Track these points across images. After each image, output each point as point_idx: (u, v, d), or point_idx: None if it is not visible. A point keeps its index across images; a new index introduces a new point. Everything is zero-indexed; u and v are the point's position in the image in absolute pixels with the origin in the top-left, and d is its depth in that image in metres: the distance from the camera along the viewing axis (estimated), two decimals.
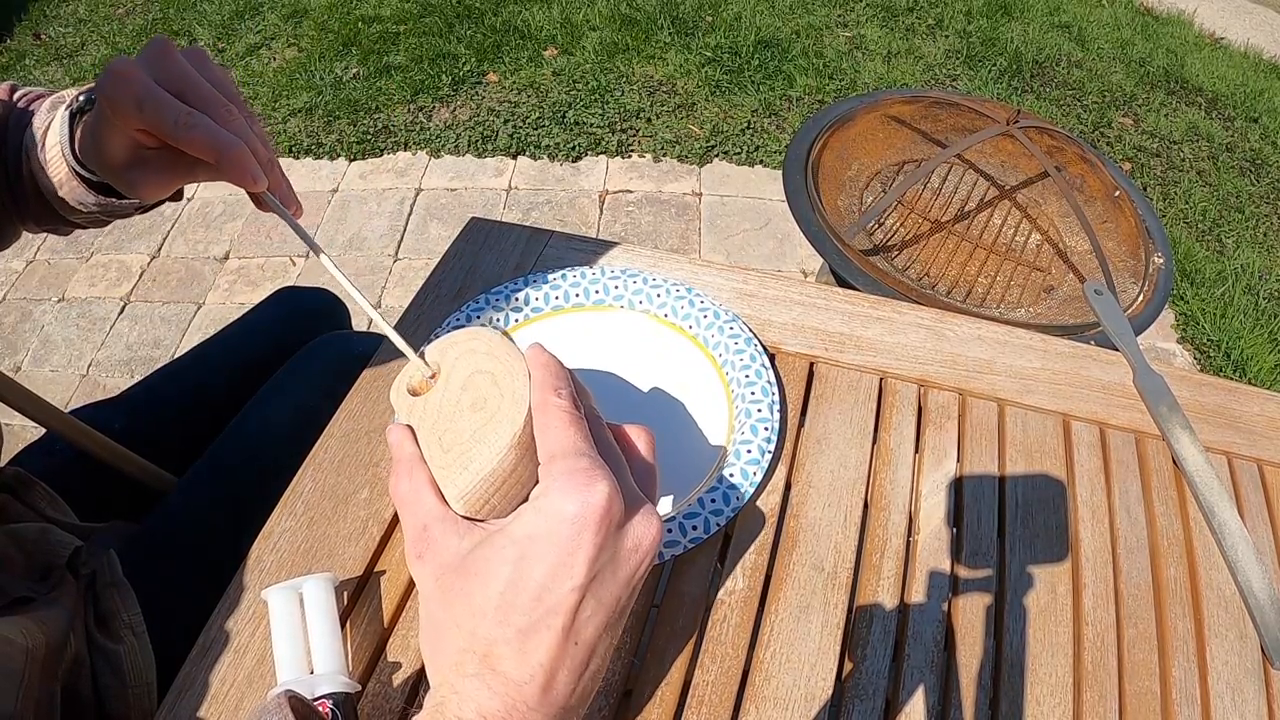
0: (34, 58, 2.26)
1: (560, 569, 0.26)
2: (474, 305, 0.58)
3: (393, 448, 0.33)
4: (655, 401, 0.56)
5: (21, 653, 0.43)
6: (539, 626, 0.26)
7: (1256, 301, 1.73)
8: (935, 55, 2.29)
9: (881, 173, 1.28)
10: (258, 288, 1.67)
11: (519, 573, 0.27)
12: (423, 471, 0.31)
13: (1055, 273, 1.18)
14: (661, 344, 0.59)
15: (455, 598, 0.28)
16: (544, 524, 0.27)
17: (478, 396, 0.32)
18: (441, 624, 0.28)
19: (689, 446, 0.53)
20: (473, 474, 0.30)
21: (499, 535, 0.28)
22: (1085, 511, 0.53)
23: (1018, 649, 0.46)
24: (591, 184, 1.89)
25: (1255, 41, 2.50)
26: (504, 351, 0.33)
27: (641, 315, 0.60)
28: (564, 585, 0.26)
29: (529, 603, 0.26)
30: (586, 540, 0.26)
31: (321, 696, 0.39)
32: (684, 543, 0.47)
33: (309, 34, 2.29)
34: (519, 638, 0.26)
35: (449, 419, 0.32)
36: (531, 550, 0.27)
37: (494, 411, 0.31)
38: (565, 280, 0.60)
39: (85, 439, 0.62)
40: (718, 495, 0.49)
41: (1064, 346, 0.62)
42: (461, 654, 0.27)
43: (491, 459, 0.30)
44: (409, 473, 0.31)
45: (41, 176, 0.48)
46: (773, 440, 0.52)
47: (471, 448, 0.30)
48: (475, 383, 0.32)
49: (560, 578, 0.26)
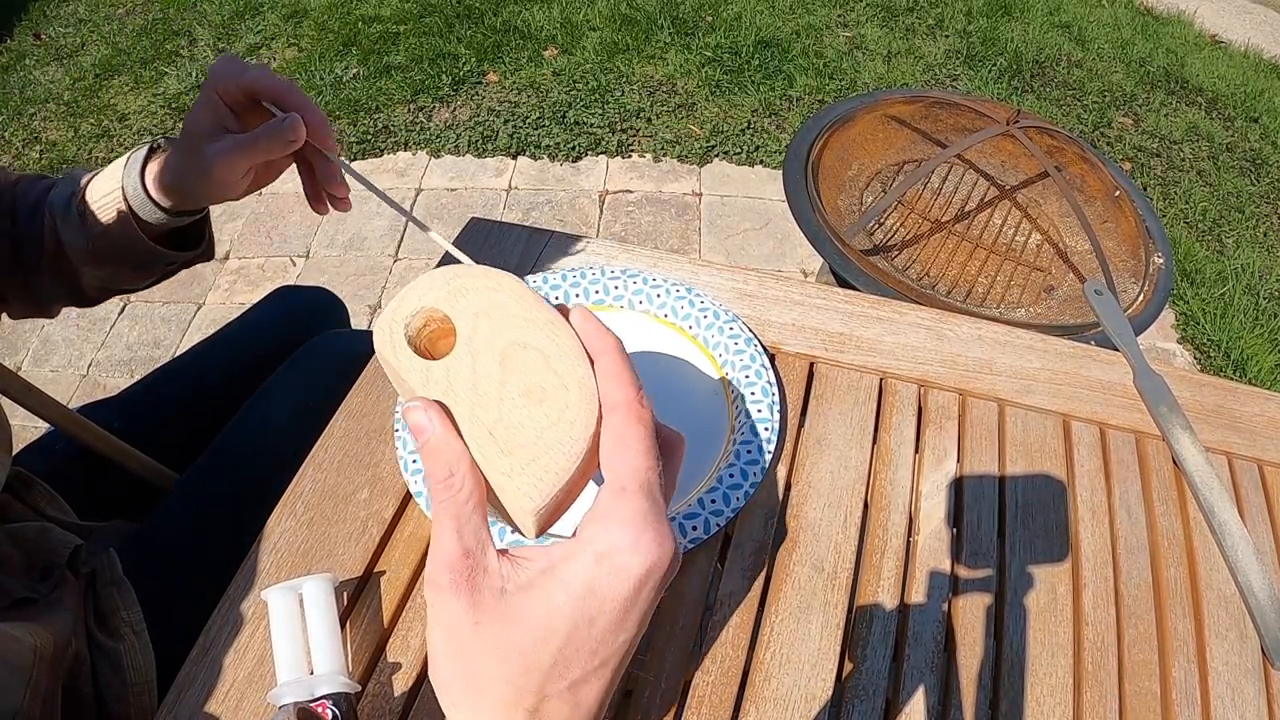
0: (34, 58, 2.26)
1: (617, 625, 0.25)
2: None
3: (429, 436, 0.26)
4: (655, 401, 0.56)
5: (30, 651, 0.43)
6: (590, 678, 0.25)
7: (1257, 301, 1.73)
8: (935, 55, 2.29)
9: (881, 173, 1.28)
10: (258, 288, 1.67)
11: (578, 630, 0.25)
12: (479, 481, 0.27)
13: (1055, 273, 1.18)
14: (661, 344, 0.59)
15: (501, 646, 0.25)
16: (606, 580, 0.25)
17: (531, 383, 0.27)
18: (480, 668, 0.25)
19: (689, 447, 0.53)
20: (550, 485, 0.26)
21: (552, 583, 0.25)
22: (1085, 511, 0.53)
23: (1018, 649, 0.46)
24: (591, 184, 1.89)
25: (1255, 41, 2.50)
26: (541, 315, 0.28)
27: (641, 315, 0.60)
28: (618, 639, 0.25)
29: (586, 658, 0.25)
30: (644, 598, 0.25)
31: (321, 697, 0.39)
32: (684, 543, 0.47)
33: (309, 34, 2.29)
34: (570, 691, 0.25)
35: (496, 406, 0.26)
36: (590, 606, 0.25)
37: (561, 407, 0.26)
38: (565, 280, 0.60)
39: (85, 433, 0.62)
40: (718, 495, 0.49)
41: (1064, 346, 0.62)
42: (509, 709, 0.25)
43: (568, 467, 0.26)
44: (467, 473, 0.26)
45: (69, 231, 0.53)
46: (773, 440, 0.52)
47: (543, 453, 0.26)
48: (520, 361, 0.27)
49: (616, 632, 0.25)
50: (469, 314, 0.28)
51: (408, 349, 0.28)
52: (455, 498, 0.26)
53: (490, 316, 0.28)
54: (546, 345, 0.27)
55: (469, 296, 0.28)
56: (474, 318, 0.28)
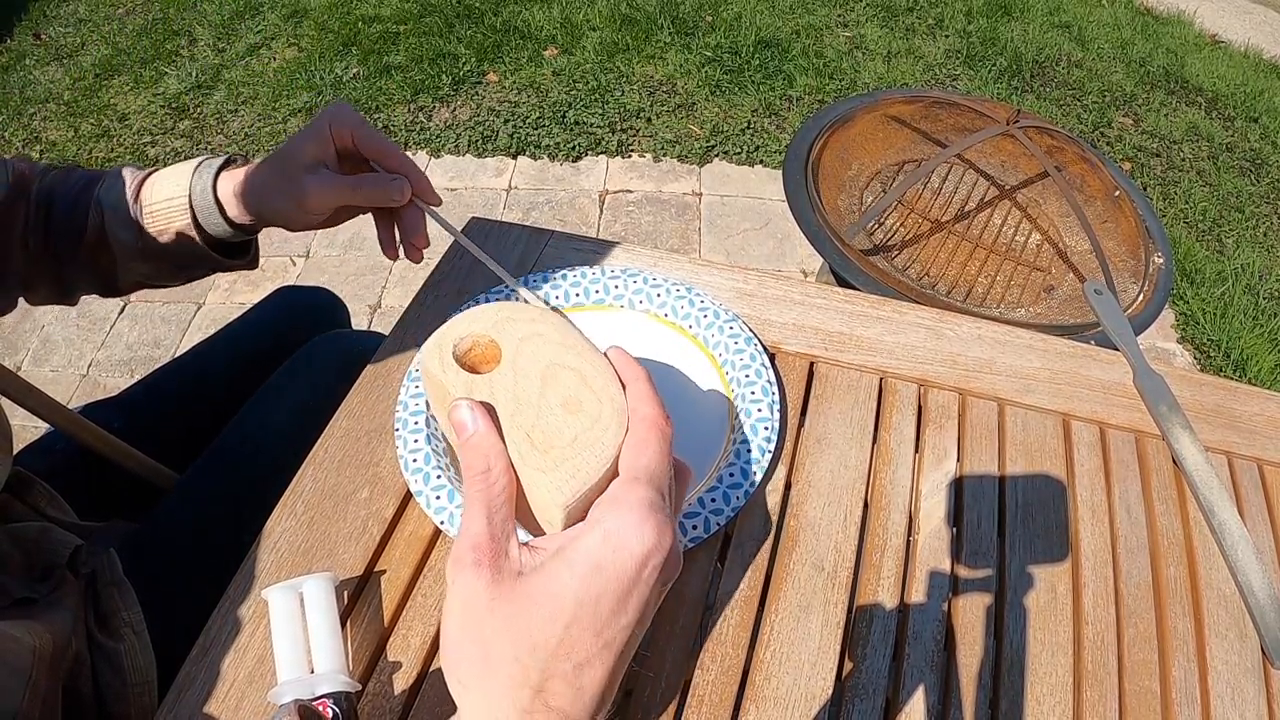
0: (34, 58, 2.26)
1: (620, 604, 0.26)
2: (473, 308, 0.58)
3: (471, 433, 0.29)
4: None
5: (29, 651, 0.43)
6: (594, 660, 0.26)
7: (1256, 301, 1.73)
8: (935, 55, 2.29)
9: (881, 172, 1.28)
10: (258, 288, 1.67)
11: (583, 609, 0.26)
12: (513, 479, 0.29)
13: (1055, 272, 1.18)
14: (661, 343, 0.59)
15: (512, 626, 0.26)
16: (611, 557, 0.26)
17: (569, 396, 0.30)
18: (491, 647, 0.27)
19: (689, 446, 0.53)
20: (580, 483, 0.28)
21: (561, 563, 0.27)
22: (1085, 511, 0.53)
23: (1018, 648, 0.46)
24: (591, 184, 1.89)
25: (1255, 41, 2.50)
26: (580, 345, 0.31)
27: (641, 315, 0.60)
28: (620, 620, 0.26)
29: (591, 639, 0.26)
30: (644, 580, 0.26)
31: (322, 695, 0.39)
32: (684, 542, 0.47)
33: (309, 34, 2.29)
34: (575, 672, 0.26)
35: (535, 413, 0.29)
36: (596, 584, 0.26)
37: (595, 417, 0.29)
38: (565, 280, 0.60)
39: (85, 433, 0.62)
40: (718, 495, 0.49)
41: (1064, 346, 0.62)
42: (517, 688, 0.26)
43: (599, 469, 0.28)
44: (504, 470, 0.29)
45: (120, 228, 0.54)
46: (773, 440, 0.52)
47: (576, 454, 0.28)
48: (559, 378, 0.30)
49: (618, 613, 0.26)
50: (514, 339, 0.31)
51: (455, 364, 0.31)
52: (490, 489, 0.28)
53: (533, 341, 0.31)
54: (584, 367, 0.30)
55: (515, 325, 0.32)
56: (518, 342, 0.31)
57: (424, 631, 0.44)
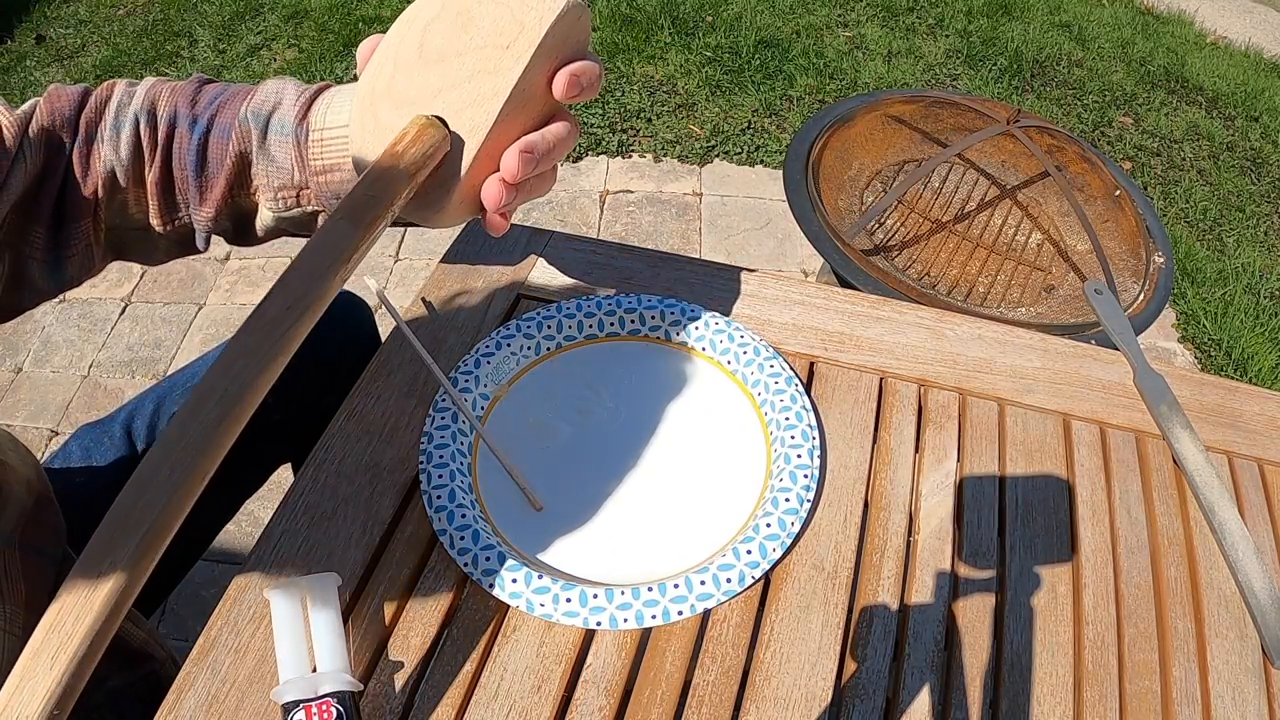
0: (35, 59, 2.26)
1: None
2: (505, 332, 0.57)
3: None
4: (690, 440, 0.54)
5: None
6: None
7: (1257, 301, 1.73)
8: (935, 55, 2.28)
9: (882, 172, 1.28)
10: (259, 288, 1.67)
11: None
12: None
13: (1056, 272, 1.18)
14: (698, 378, 0.57)
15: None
16: None
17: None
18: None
19: (725, 492, 0.52)
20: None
21: None
22: (1085, 511, 0.53)
23: (1018, 648, 0.46)
24: (592, 184, 1.89)
25: (1256, 41, 2.50)
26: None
27: (677, 348, 0.58)
28: None
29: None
30: None
31: (325, 695, 0.39)
32: (718, 595, 0.45)
33: (309, 35, 2.29)
34: None
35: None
36: None
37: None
38: (600, 309, 0.58)
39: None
40: (753, 547, 0.47)
41: (1064, 346, 0.62)
42: None
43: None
44: None
45: (275, 159, 0.45)
46: (811, 488, 0.50)
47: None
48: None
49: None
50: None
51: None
52: None
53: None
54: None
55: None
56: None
57: (424, 632, 0.44)
